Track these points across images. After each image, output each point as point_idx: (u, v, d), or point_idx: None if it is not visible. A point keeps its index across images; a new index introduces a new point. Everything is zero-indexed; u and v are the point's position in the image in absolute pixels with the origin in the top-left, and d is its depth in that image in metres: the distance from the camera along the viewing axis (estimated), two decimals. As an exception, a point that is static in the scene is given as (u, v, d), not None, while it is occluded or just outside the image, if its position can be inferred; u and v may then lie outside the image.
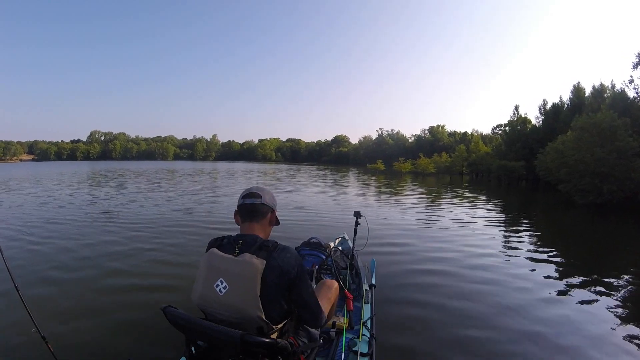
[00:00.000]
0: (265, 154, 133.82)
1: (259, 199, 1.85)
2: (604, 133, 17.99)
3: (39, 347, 2.39)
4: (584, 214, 14.82)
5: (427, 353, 3.37)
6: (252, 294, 1.59)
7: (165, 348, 3.14)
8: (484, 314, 4.19)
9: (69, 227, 8.56)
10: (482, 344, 3.52)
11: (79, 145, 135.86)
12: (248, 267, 1.61)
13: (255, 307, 1.59)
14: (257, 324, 1.62)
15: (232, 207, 2.02)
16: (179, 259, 6.14)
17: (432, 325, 3.89)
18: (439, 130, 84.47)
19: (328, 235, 5.85)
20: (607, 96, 27.76)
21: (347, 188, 23.16)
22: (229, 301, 1.62)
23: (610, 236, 10.36)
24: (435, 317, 4.09)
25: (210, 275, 1.67)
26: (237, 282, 1.62)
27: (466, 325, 3.88)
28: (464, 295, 4.75)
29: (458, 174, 47.73)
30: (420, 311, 4.24)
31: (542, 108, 37.99)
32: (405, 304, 4.44)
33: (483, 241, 8.10)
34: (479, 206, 15.06)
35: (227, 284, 1.63)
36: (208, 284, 1.66)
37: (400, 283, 5.15)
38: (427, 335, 3.68)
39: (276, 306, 1.68)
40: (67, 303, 4.26)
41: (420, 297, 4.64)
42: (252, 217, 1.84)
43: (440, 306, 4.39)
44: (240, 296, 1.60)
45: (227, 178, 31.37)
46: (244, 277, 1.61)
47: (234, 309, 1.62)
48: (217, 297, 1.64)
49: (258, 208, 1.84)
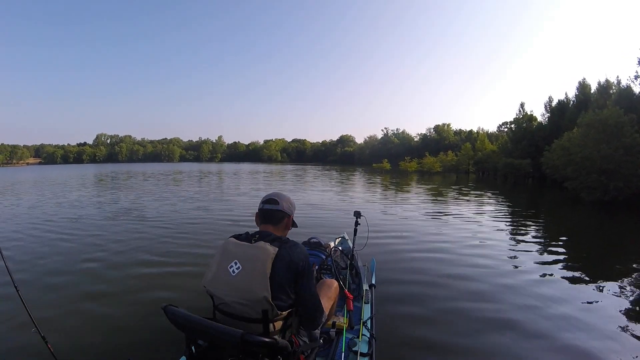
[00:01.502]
0: (271, 154, 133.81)
1: (276, 206, 2.03)
2: (610, 130, 17.83)
3: (39, 346, 2.40)
4: (590, 211, 14.69)
5: (427, 353, 3.37)
6: (262, 274, 1.70)
7: (166, 348, 3.15)
8: (484, 315, 4.17)
9: (69, 226, 8.61)
10: (483, 346, 3.50)
11: (85, 149, 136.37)
12: (261, 251, 1.75)
13: (264, 287, 1.68)
14: (263, 306, 1.69)
15: (240, 207, 2.04)
16: (181, 258, 6.15)
17: (433, 326, 3.88)
18: (445, 129, 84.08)
19: (329, 234, 5.84)
20: (612, 92, 27.42)
21: (353, 187, 23.14)
22: (239, 281, 1.73)
23: (617, 233, 10.25)
24: (436, 317, 4.09)
25: (225, 259, 1.80)
26: (249, 263, 1.74)
27: (466, 326, 3.88)
28: (465, 296, 4.74)
29: (464, 173, 47.51)
30: (421, 311, 4.24)
31: (548, 105, 37.67)
32: (405, 304, 4.43)
33: (489, 240, 8.04)
34: (485, 205, 14.96)
35: (240, 265, 1.75)
36: (222, 266, 1.79)
37: (400, 283, 5.14)
38: (427, 335, 3.67)
39: (282, 292, 1.76)
40: (67, 302, 4.28)
41: (421, 298, 4.63)
42: (269, 221, 2.02)
43: (440, 306, 4.38)
44: (251, 275, 1.71)
45: (236, 179, 31.56)
46: (257, 259, 1.73)
47: (243, 289, 1.71)
48: (228, 277, 1.75)
49: (275, 214, 2.03)
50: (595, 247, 8.17)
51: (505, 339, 3.61)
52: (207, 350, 1.79)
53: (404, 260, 6.29)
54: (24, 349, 3.15)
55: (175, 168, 61.58)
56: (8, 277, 2.54)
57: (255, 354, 1.60)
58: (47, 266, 5.60)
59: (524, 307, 4.36)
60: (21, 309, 2.43)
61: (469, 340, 3.57)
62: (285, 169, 55.20)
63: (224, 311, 1.81)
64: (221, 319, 1.82)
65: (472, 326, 3.88)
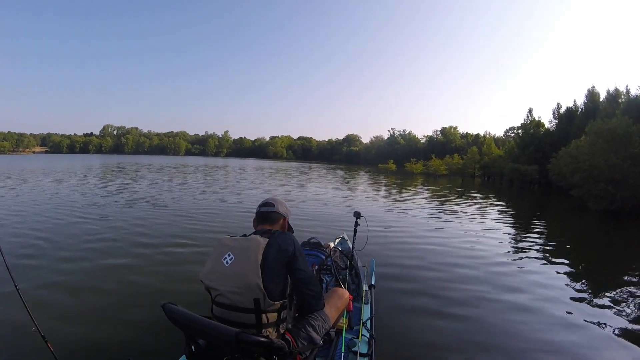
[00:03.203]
0: (277, 151, 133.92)
1: (272, 208, 2.19)
2: (619, 139, 17.71)
3: (39, 346, 2.37)
4: (596, 220, 14.61)
5: (427, 353, 3.37)
6: (253, 262, 1.79)
7: (166, 347, 3.13)
8: (485, 317, 4.16)
9: (69, 226, 8.30)
10: (484, 348, 3.49)
11: (91, 139, 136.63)
12: (253, 242, 1.87)
13: (255, 274, 1.77)
14: (255, 295, 1.76)
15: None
16: (183, 258, 6.09)
17: (432, 326, 3.88)
18: (451, 132, 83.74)
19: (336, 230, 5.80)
20: (621, 101, 27.32)
21: (357, 187, 23.16)
22: (233, 270, 1.82)
23: (624, 243, 10.20)
24: (436, 318, 4.08)
25: (220, 252, 1.90)
26: (242, 254, 1.84)
27: (466, 327, 3.87)
28: (466, 297, 4.73)
29: (470, 177, 47.33)
30: (421, 312, 4.24)
31: (556, 111, 37.61)
32: (405, 304, 4.42)
33: (491, 244, 8.02)
34: (489, 209, 14.93)
35: (233, 255, 1.85)
36: (217, 259, 1.89)
37: (400, 283, 5.14)
38: (427, 336, 3.67)
39: (275, 280, 1.83)
40: (67, 302, 4.24)
41: (420, 298, 4.63)
42: (265, 222, 2.16)
43: (440, 307, 4.37)
44: (243, 264, 1.81)
45: (243, 174, 31.75)
46: (248, 249, 1.84)
47: (236, 278, 1.80)
48: (223, 268, 1.84)
49: (271, 215, 2.18)
50: (601, 257, 8.12)
51: (507, 345, 3.57)
52: (206, 349, 1.79)
53: (404, 260, 6.28)
54: (24, 348, 3.13)
55: (182, 161, 61.67)
56: (8, 276, 2.50)
57: (251, 353, 1.61)
58: (47, 266, 5.46)
59: (529, 319, 4.28)
60: (21, 307, 2.39)
61: (469, 341, 3.57)
62: (291, 166, 55.23)
63: (220, 303, 1.85)
64: (218, 313, 1.86)
65: (473, 326, 3.88)
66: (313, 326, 2.05)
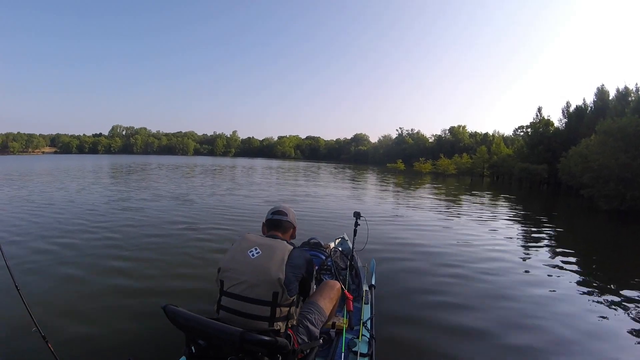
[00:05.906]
0: (285, 151, 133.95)
1: (284, 217, 2.26)
2: (629, 138, 17.49)
3: (39, 346, 2.38)
4: (607, 220, 14.45)
5: (427, 354, 3.36)
6: (280, 259, 1.91)
7: (167, 348, 3.13)
8: (487, 317, 4.14)
9: (70, 226, 8.25)
10: (484, 348, 3.48)
11: (100, 139, 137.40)
12: (281, 244, 2.00)
13: (280, 270, 1.87)
14: (274, 288, 1.85)
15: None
16: (184, 258, 6.05)
17: (432, 327, 3.87)
18: (460, 131, 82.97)
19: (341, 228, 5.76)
20: (631, 100, 26.94)
21: (366, 186, 23.13)
22: (258, 262, 1.90)
23: (635, 243, 10.09)
24: (436, 318, 4.07)
25: (245, 246, 1.99)
26: (270, 249, 1.95)
27: (467, 327, 3.86)
28: (467, 298, 4.70)
29: (479, 176, 47.09)
30: (420, 312, 4.23)
31: (566, 110, 37.18)
32: (405, 304, 4.41)
33: (497, 244, 7.96)
34: (497, 210, 14.81)
35: (260, 250, 1.95)
36: (242, 251, 1.97)
37: (400, 284, 5.12)
38: (427, 336, 3.66)
39: (292, 279, 1.93)
40: (67, 302, 4.25)
41: (420, 299, 4.62)
42: (277, 229, 2.23)
43: (440, 307, 4.37)
44: (270, 258, 1.91)
45: (254, 173, 32.09)
46: (277, 248, 1.96)
47: (260, 269, 1.88)
48: (247, 259, 1.93)
49: (283, 224, 2.25)
50: (611, 256, 8.04)
51: (509, 341, 3.58)
52: (207, 349, 1.79)
53: (404, 261, 6.26)
54: (24, 348, 3.14)
55: (192, 161, 61.85)
56: (8, 275, 2.51)
57: (254, 353, 1.62)
58: (47, 265, 5.47)
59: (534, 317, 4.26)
60: (22, 308, 2.39)
61: (469, 342, 3.56)
62: (299, 166, 55.25)
63: (233, 294, 1.89)
64: (227, 303, 1.91)
65: (472, 327, 3.86)
66: (310, 320, 2.13)
